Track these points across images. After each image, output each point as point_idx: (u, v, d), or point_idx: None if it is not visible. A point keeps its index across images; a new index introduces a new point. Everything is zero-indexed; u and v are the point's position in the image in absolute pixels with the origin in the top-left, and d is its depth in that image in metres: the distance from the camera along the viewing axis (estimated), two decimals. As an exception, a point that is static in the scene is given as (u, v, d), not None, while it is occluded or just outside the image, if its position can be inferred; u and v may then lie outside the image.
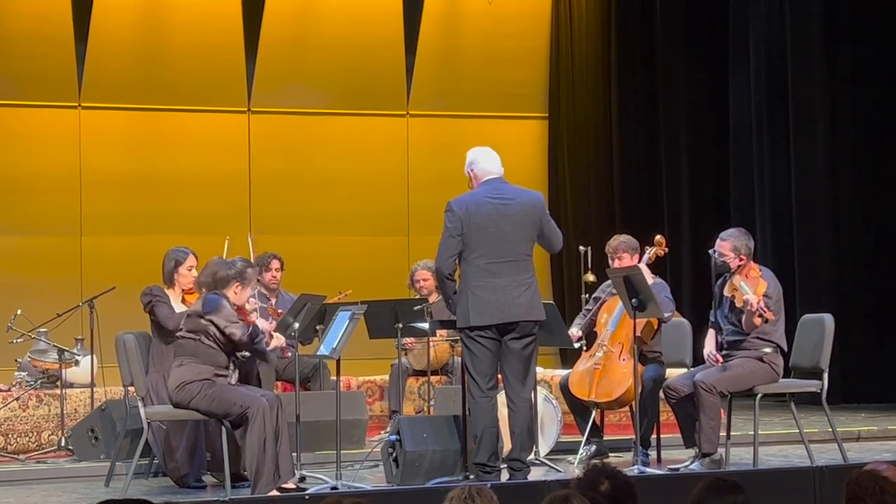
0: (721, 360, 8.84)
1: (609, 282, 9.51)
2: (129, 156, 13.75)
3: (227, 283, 8.28)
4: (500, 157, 8.45)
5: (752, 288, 8.73)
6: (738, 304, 8.76)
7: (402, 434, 8.53)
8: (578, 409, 9.53)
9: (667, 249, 9.80)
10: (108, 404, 9.76)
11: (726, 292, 8.90)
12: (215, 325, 8.12)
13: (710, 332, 8.99)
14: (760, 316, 8.66)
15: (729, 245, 8.94)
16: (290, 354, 9.36)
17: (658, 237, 9.71)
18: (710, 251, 9.01)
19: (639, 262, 9.49)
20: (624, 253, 9.54)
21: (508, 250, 8.14)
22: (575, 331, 9.57)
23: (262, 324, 8.49)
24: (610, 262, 9.58)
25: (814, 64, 13.53)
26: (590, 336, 9.85)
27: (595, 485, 4.66)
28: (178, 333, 8.35)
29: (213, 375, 8.18)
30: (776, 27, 13.83)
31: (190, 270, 9.07)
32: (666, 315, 9.30)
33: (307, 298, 9.00)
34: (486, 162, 8.39)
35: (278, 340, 8.71)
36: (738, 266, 8.87)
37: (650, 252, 9.64)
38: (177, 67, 13.85)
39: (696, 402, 8.75)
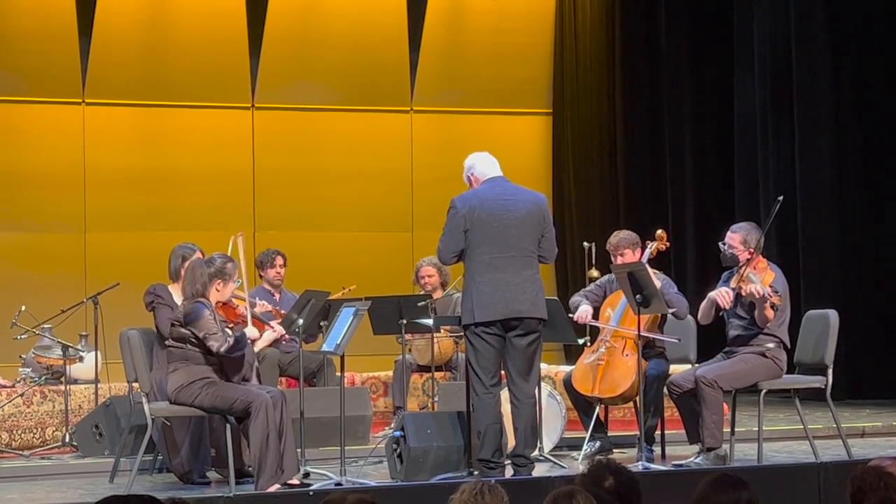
0: (730, 294, 8.82)
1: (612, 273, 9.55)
2: (133, 152, 13.75)
3: (208, 283, 8.28)
4: (502, 153, 8.46)
5: (759, 278, 8.74)
6: (744, 294, 8.76)
7: (406, 430, 8.53)
8: (582, 404, 9.53)
9: (668, 244, 9.79)
10: (113, 400, 9.75)
11: (732, 284, 8.90)
12: (194, 336, 8.13)
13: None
14: (772, 307, 8.66)
15: (739, 237, 8.95)
16: (286, 338, 9.39)
17: (659, 232, 9.70)
18: (720, 243, 9.02)
19: (641, 257, 9.48)
20: (626, 249, 9.53)
21: (512, 245, 8.14)
22: (587, 307, 9.54)
23: (251, 332, 8.44)
24: (612, 259, 9.56)
25: (819, 60, 13.51)
26: (593, 331, 9.84)
27: (599, 481, 4.66)
28: (165, 342, 8.36)
29: (211, 373, 8.18)
30: (781, 23, 13.81)
31: (196, 267, 9.05)
32: (682, 313, 9.33)
33: (311, 294, 9.00)
34: (484, 165, 8.41)
35: (277, 332, 8.71)
36: (747, 259, 8.88)
37: (651, 247, 9.64)
38: (180, 64, 13.85)
39: (698, 397, 8.75)
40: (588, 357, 9.52)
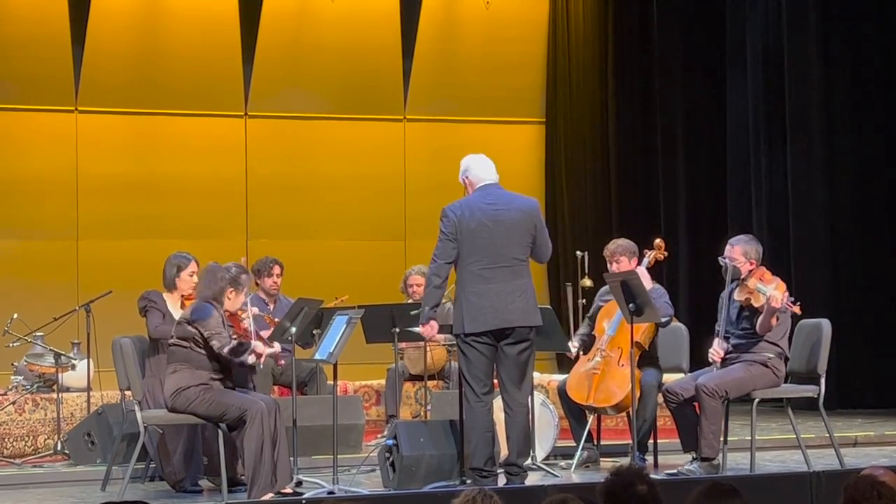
0: (720, 356, 8.84)
1: (606, 287, 9.51)
2: (126, 159, 13.74)
3: (221, 289, 8.28)
4: (496, 162, 8.45)
5: (772, 287, 8.70)
6: (756, 305, 8.73)
7: (399, 438, 8.52)
8: (575, 413, 9.52)
9: (666, 253, 9.78)
10: (105, 408, 9.74)
11: (736, 297, 8.87)
12: (200, 334, 8.13)
13: (716, 340, 8.98)
14: (777, 316, 8.63)
15: (739, 250, 8.94)
16: (283, 363, 9.32)
17: (658, 241, 9.70)
18: (720, 258, 8.97)
19: (638, 265, 9.48)
20: (622, 256, 9.52)
21: (503, 256, 8.13)
22: (576, 342, 9.59)
23: (258, 346, 8.39)
24: (608, 265, 9.56)
25: (811, 68, 13.53)
26: (588, 339, 9.83)
27: (631, 486, 4.65)
28: (169, 341, 8.34)
29: (209, 379, 8.17)
30: (773, 32, 13.83)
31: (191, 276, 9.02)
32: (663, 319, 9.28)
33: (304, 303, 8.99)
34: (480, 169, 8.39)
35: (274, 348, 8.70)
36: (750, 271, 8.87)
37: (650, 256, 9.63)
38: (174, 71, 13.85)
39: (699, 406, 8.73)
40: (584, 366, 9.50)
